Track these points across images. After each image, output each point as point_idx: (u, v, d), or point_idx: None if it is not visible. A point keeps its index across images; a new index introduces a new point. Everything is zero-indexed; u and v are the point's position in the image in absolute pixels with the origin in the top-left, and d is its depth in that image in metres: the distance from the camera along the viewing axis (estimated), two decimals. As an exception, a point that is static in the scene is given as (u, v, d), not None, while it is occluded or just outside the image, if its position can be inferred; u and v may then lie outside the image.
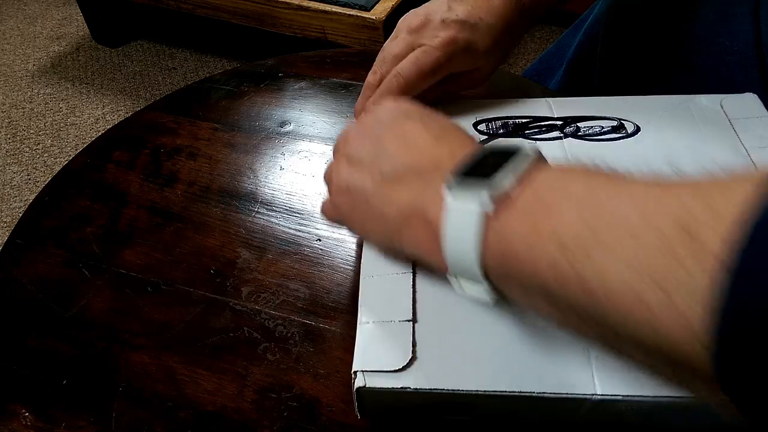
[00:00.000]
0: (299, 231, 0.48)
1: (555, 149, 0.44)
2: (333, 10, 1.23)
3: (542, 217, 0.24)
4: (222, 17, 1.42)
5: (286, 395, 0.38)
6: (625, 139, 0.44)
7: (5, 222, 1.40)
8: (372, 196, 0.32)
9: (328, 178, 0.37)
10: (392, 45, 0.45)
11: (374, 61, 0.46)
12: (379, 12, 1.20)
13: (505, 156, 0.27)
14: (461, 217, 0.27)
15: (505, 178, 0.26)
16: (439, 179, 0.29)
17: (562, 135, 0.45)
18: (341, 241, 0.47)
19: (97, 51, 1.88)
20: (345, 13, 1.22)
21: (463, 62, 0.45)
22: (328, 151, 0.55)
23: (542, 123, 0.46)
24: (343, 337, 0.41)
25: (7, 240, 0.50)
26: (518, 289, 0.26)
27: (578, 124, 0.45)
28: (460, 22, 0.43)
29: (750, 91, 0.46)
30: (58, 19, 2.03)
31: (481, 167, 0.28)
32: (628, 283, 0.20)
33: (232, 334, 0.42)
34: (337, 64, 0.64)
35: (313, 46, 1.25)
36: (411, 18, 0.45)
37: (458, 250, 0.27)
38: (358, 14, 1.21)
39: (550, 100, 0.48)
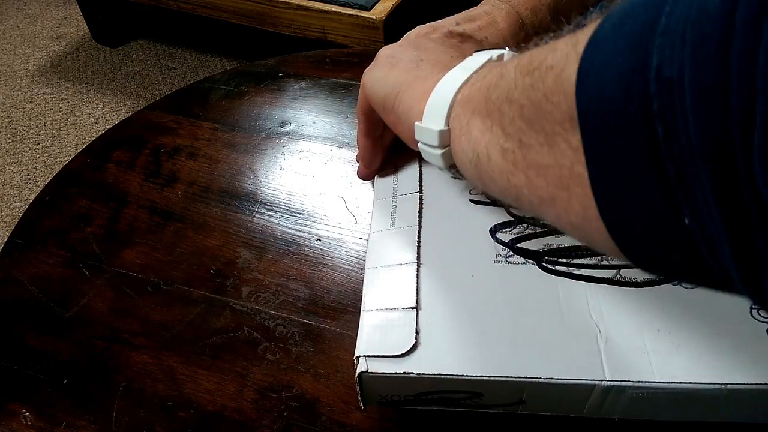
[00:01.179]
0: (299, 231, 0.48)
1: None
2: (333, 9, 1.23)
3: (495, 71, 0.29)
4: (222, 17, 1.42)
5: (286, 395, 0.38)
6: None
7: (5, 222, 1.40)
8: (418, 52, 0.38)
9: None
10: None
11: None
12: (379, 12, 1.20)
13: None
14: (470, 60, 0.33)
15: (482, 58, 0.32)
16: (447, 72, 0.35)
17: None
18: (341, 241, 0.47)
19: (97, 51, 1.88)
20: (345, 13, 1.22)
21: None
22: (328, 151, 0.55)
23: None
24: (344, 337, 0.41)
25: (7, 240, 0.50)
26: (465, 118, 0.30)
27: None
28: (466, 35, 0.43)
29: None
30: (58, 19, 2.03)
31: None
32: (548, 65, 0.23)
33: (232, 334, 0.42)
34: (337, 64, 0.64)
35: (313, 46, 1.25)
36: (418, 29, 0.45)
37: (448, 80, 0.32)
38: (358, 14, 1.21)
39: None
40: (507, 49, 0.33)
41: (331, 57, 0.66)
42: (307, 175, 0.53)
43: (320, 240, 0.47)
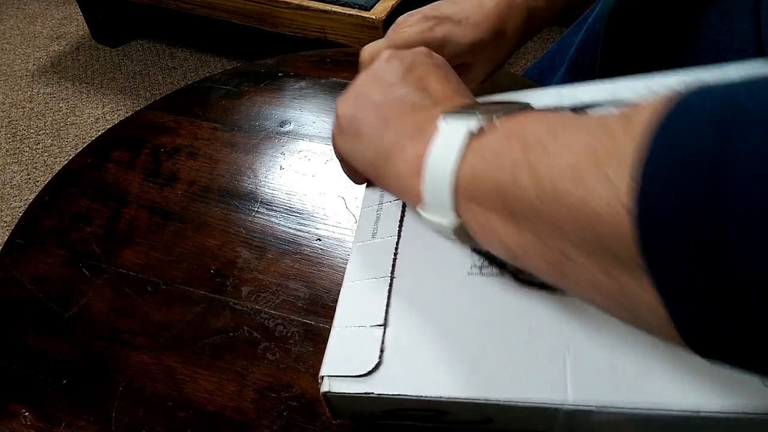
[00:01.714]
0: (299, 230, 0.48)
1: None
2: (333, 9, 1.23)
3: (516, 133, 0.26)
4: (222, 17, 1.42)
5: (286, 395, 0.38)
6: None
7: (5, 221, 1.40)
8: (381, 112, 0.34)
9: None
10: (371, 43, 0.45)
11: None
12: (379, 11, 1.20)
13: (501, 104, 0.30)
14: (447, 139, 0.29)
15: (494, 113, 0.28)
16: (443, 110, 0.32)
17: None
18: (341, 241, 0.47)
19: (97, 50, 1.88)
20: (345, 13, 1.22)
21: (443, 56, 0.43)
22: (328, 150, 0.55)
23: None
24: (343, 337, 0.41)
25: (7, 239, 0.50)
26: (479, 212, 0.28)
27: (587, 111, 0.42)
28: (441, 17, 0.43)
29: None
30: (58, 19, 2.03)
31: (479, 107, 0.30)
32: (571, 164, 0.22)
33: (232, 334, 0.42)
34: (337, 63, 0.64)
35: (312, 45, 1.25)
36: (398, 19, 0.45)
37: (437, 173, 0.29)
38: (358, 14, 1.21)
39: (560, 87, 0.45)
40: (477, 114, 0.29)
41: (331, 57, 0.66)
42: (307, 174, 0.53)
43: (320, 239, 0.47)
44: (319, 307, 0.43)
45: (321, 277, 0.44)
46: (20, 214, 0.52)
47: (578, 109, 0.40)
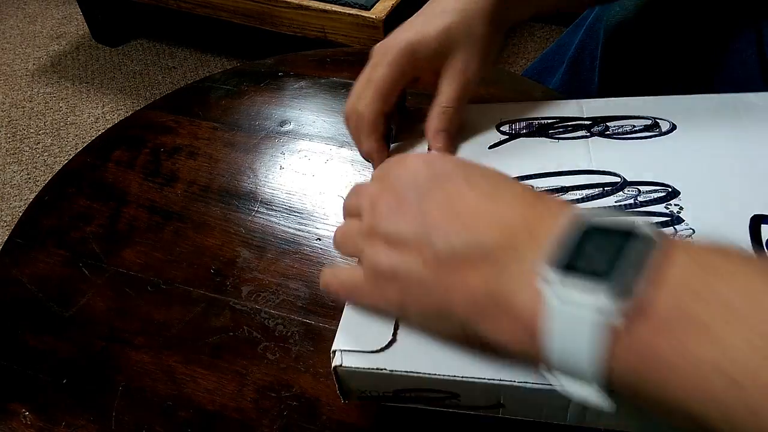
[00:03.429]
0: (299, 230, 0.48)
1: (577, 148, 0.41)
2: (333, 9, 1.23)
3: (695, 337, 0.20)
4: (222, 16, 1.42)
5: (286, 394, 0.38)
6: (658, 138, 0.40)
7: (5, 221, 1.40)
8: (430, 284, 0.27)
9: (353, 251, 0.32)
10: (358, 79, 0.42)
11: None
12: (379, 11, 1.20)
13: (614, 236, 0.22)
14: (575, 325, 0.22)
15: (629, 276, 0.21)
16: (521, 261, 0.24)
17: (588, 134, 0.42)
18: (341, 241, 0.47)
19: (96, 50, 1.88)
20: (345, 13, 1.22)
21: (419, 62, 0.41)
22: (328, 150, 0.55)
23: (569, 123, 0.44)
24: (343, 337, 0.41)
25: (6, 239, 0.50)
26: (651, 404, 0.22)
27: (608, 123, 0.43)
28: (406, 26, 0.42)
29: (749, 91, 0.44)
30: (58, 18, 2.02)
31: (586, 255, 0.22)
32: None
33: (231, 334, 0.42)
34: (337, 63, 0.64)
35: (312, 45, 1.25)
36: (373, 50, 0.43)
37: (570, 360, 0.22)
38: (358, 13, 1.21)
39: (581, 101, 0.45)
40: (604, 288, 0.21)
41: (331, 56, 0.66)
42: (307, 174, 0.53)
43: (320, 239, 0.47)
44: (319, 306, 0.43)
45: (321, 277, 0.44)
46: (20, 214, 0.52)
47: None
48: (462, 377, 0.30)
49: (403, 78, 0.41)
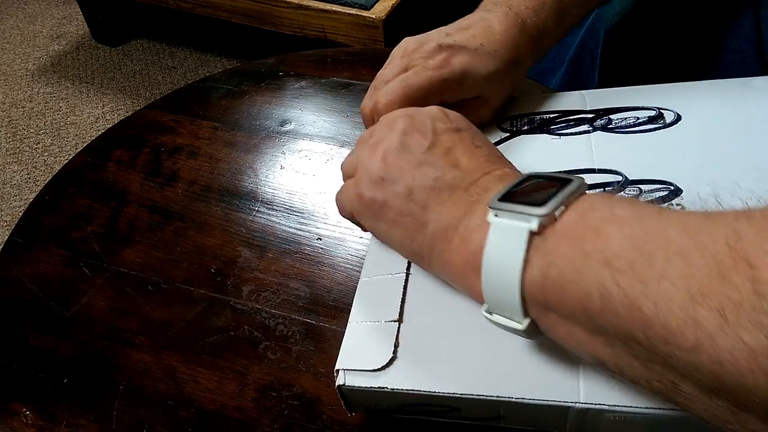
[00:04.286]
0: (300, 230, 0.48)
1: (579, 145, 0.40)
2: (333, 9, 1.23)
3: (590, 240, 0.24)
4: (222, 16, 1.41)
5: (287, 394, 0.38)
6: (662, 130, 0.40)
7: (5, 221, 1.40)
8: (411, 200, 0.31)
9: (354, 166, 0.35)
10: (384, 71, 0.42)
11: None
12: (378, 11, 1.20)
13: (551, 184, 0.28)
14: (506, 237, 0.27)
15: (552, 203, 0.26)
16: (487, 198, 0.29)
17: (590, 128, 0.41)
18: (342, 240, 0.47)
19: (97, 50, 1.87)
20: (345, 12, 1.22)
21: (462, 89, 0.42)
22: (328, 150, 0.55)
23: (571, 117, 0.43)
24: (344, 335, 0.41)
25: (7, 239, 0.50)
26: (557, 320, 0.26)
27: (611, 116, 0.42)
28: (457, 46, 0.41)
29: None
30: (58, 18, 2.02)
31: (527, 193, 0.28)
32: (684, 308, 0.20)
33: (232, 333, 0.42)
34: (338, 63, 0.64)
35: (313, 45, 1.25)
36: (406, 43, 0.43)
37: (499, 275, 0.27)
38: (358, 13, 1.21)
39: (584, 92, 0.45)
40: (543, 209, 0.26)
41: (331, 56, 0.66)
42: (308, 174, 0.53)
43: (321, 239, 0.47)
44: (319, 306, 0.43)
45: (321, 277, 0.44)
46: (20, 214, 0.52)
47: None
48: (461, 394, 0.30)
49: (435, 99, 0.41)
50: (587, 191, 0.27)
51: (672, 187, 0.36)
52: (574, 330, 0.25)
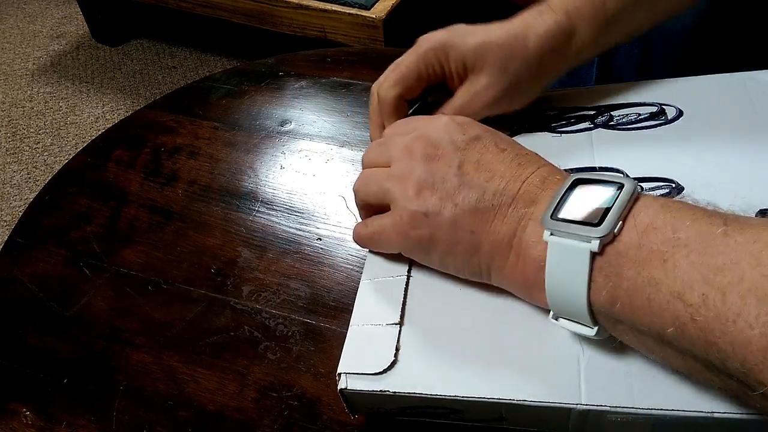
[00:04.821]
0: (300, 230, 0.48)
1: (581, 142, 0.40)
2: (333, 8, 1.23)
3: (657, 266, 0.24)
4: (222, 16, 1.41)
5: (287, 394, 0.38)
6: (664, 126, 0.39)
7: (5, 221, 1.40)
8: (462, 227, 0.31)
9: (376, 193, 0.35)
10: (383, 87, 0.42)
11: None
12: (378, 11, 1.20)
13: (601, 189, 0.28)
14: (566, 258, 0.27)
15: (610, 221, 0.26)
16: (537, 212, 0.29)
17: (592, 126, 0.41)
18: (342, 240, 0.47)
19: (97, 50, 1.87)
20: (345, 12, 1.22)
21: (450, 59, 0.40)
22: (328, 150, 0.55)
23: (572, 114, 0.42)
24: (344, 336, 0.41)
25: (7, 239, 0.50)
26: (629, 331, 0.27)
27: (612, 112, 0.41)
28: (460, 25, 0.41)
29: None
30: (58, 18, 2.02)
31: (578, 206, 0.28)
32: (763, 350, 0.21)
33: (232, 333, 0.42)
34: (338, 62, 0.64)
35: (313, 44, 1.25)
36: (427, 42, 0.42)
37: (563, 291, 0.28)
38: (358, 13, 1.21)
39: (584, 89, 0.44)
40: (601, 230, 0.26)
41: (331, 56, 0.65)
42: (308, 174, 0.53)
43: (321, 239, 0.47)
44: (319, 306, 0.43)
45: (322, 277, 0.44)
46: (20, 214, 0.52)
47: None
48: (463, 397, 0.30)
49: (427, 71, 0.41)
50: (641, 193, 0.28)
51: (674, 185, 0.36)
52: (645, 339, 0.26)
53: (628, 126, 0.40)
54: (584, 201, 0.28)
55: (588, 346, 0.31)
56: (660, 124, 0.40)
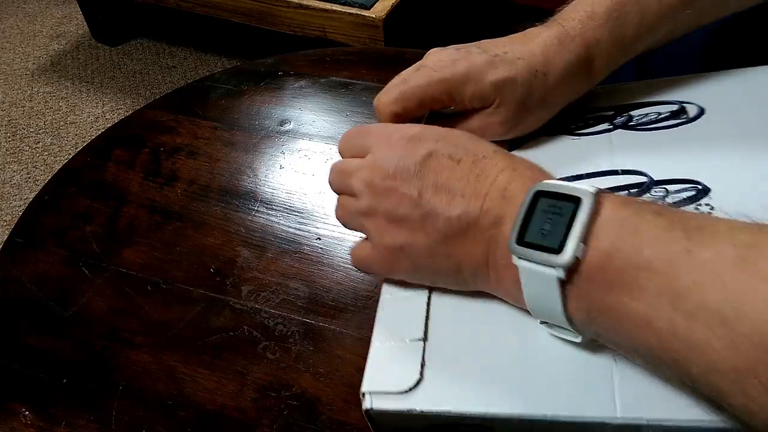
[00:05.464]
0: (299, 230, 0.48)
1: (600, 145, 0.38)
2: (333, 8, 1.23)
3: (624, 291, 0.25)
4: (222, 15, 1.41)
5: (286, 394, 0.38)
6: (686, 125, 0.38)
7: (5, 221, 1.40)
8: (437, 254, 0.32)
9: (358, 228, 0.36)
10: (385, 100, 0.40)
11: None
12: (378, 10, 1.20)
13: (561, 204, 0.27)
14: (537, 283, 0.28)
15: (570, 247, 0.26)
16: (503, 230, 0.30)
17: (611, 127, 0.39)
18: (341, 240, 0.47)
19: (96, 49, 1.87)
20: (345, 12, 1.22)
21: (465, 93, 0.38)
22: (328, 149, 0.55)
23: (589, 115, 0.41)
24: (343, 336, 0.41)
25: (7, 239, 0.50)
26: (609, 341, 0.28)
27: (631, 112, 0.40)
28: (474, 51, 0.38)
29: None
30: (58, 18, 2.02)
31: (541, 228, 0.28)
32: (733, 380, 0.21)
33: (232, 333, 0.42)
34: (337, 62, 0.64)
35: (312, 44, 1.25)
36: (432, 49, 0.41)
37: (542, 309, 0.29)
38: (358, 13, 1.21)
39: (600, 88, 0.42)
40: (563, 258, 0.26)
41: (331, 56, 0.65)
42: (307, 173, 0.53)
43: (320, 239, 0.47)
44: (319, 306, 0.43)
45: (321, 277, 0.44)
46: (20, 213, 0.52)
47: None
48: (495, 414, 0.29)
49: (432, 101, 0.39)
50: (605, 197, 0.27)
51: (700, 186, 0.34)
52: (623, 353, 0.27)
53: (649, 126, 0.39)
54: (546, 221, 0.28)
55: (620, 357, 0.29)
56: (681, 123, 0.38)
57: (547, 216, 0.28)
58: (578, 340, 0.29)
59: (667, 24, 0.39)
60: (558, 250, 0.26)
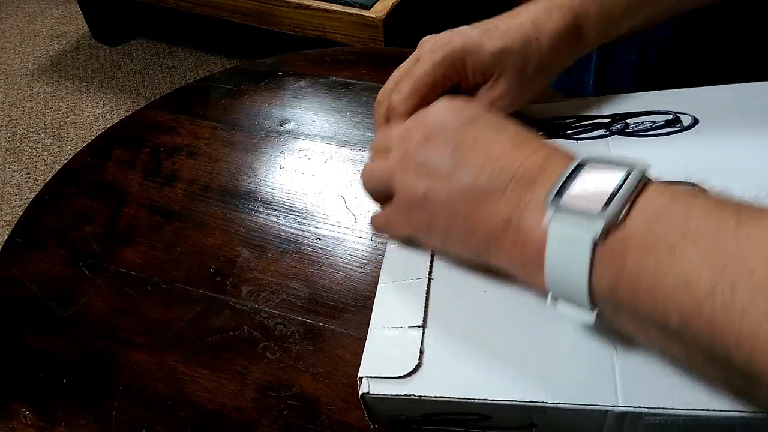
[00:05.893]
0: (299, 230, 0.48)
1: (597, 149, 0.40)
2: (333, 8, 1.23)
3: (664, 257, 0.24)
4: (222, 16, 1.41)
5: (286, 394, 0.38)
6: (680, 134, 0.39)
7: (5, 221, 1.40)
8: (458, 209, 0.31)
9: (386, 184, 0.35)
10: (399, 67, 0.41)
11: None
12: (378, 10, 1.20)
13: (610, 172, 0.27)
14: (567, 245, 0.26)
15: (615, 205, 0.25)
16: (536, 194, 0.29)
17: (607, 133, 0.41)
18: (341, 240, 0.47)
19: (96, 49, 1.88)
20: (345, 12, 1.22)
21: (467, 67, 0.39)
22: (327, 149, 0.55)
23: (587, 122, 0.42)
24: (343, 336, 0.41)
25: (7, 239, 0.50)
26: (630, 319, 0.26)
27: (627, 120, 0.41)
28: (466, 28, 0.39)
29: None
30: (58, 18, 2.02)
31: (584, 187, 0.27)
32: (767, 337, 0.21)
33: (231, 333, 0.42)
34: (337, 62, 0.64)
35: (312, 44, 1.25)
36: (422, 40, 0.41)
37: (563, 276, 0.27)
38: (358, 13, 1.21)
39: (597, 98, 0.44)
40: (605, 214, 0.25)
41: (331, 56, 0.66)
42: (307, 173, 0.53)
43: (320, 239, 0.47)
44: (318, 306, 0.43)
45: (321, 277, 0.44)
46: (20, 213, 0.52)
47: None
48: (494, 400, 0.29)
49: (444, 81, 0.40)
50: (651, 180, 0.27)
51: (696, 189, 0.35)
52: (646, 328, 0.26)
53: (644, 133, 0.40)
54: (590, 184, 0.27)
55: (622, 345, 0.30)
56: (676, 131, 0.39)
57: (591, 182, 0.27)
58: (588, 317, 0.28)
59: (649, 6, 0.41)
60: (601, 209, 0.25)
